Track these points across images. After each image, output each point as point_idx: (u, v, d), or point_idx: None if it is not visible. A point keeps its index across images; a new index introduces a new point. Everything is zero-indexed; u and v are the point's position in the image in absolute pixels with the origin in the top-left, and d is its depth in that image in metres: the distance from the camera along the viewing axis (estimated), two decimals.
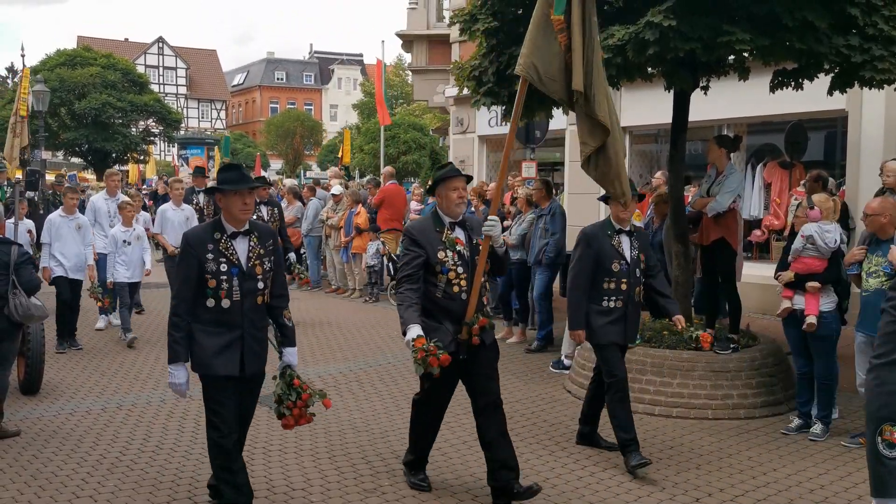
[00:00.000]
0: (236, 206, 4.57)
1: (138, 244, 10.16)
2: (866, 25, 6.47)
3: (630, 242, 5.97)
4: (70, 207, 9.69)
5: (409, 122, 28.80)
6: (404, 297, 4.94)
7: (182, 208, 11.01)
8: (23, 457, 5.97)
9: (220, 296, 4.55)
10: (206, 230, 4.64)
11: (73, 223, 9.55)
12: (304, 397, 4.82)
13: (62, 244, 9.42)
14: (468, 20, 8.01)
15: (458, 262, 5.02)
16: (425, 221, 5.23)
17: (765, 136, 12.81)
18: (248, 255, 4.63)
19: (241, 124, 75.66)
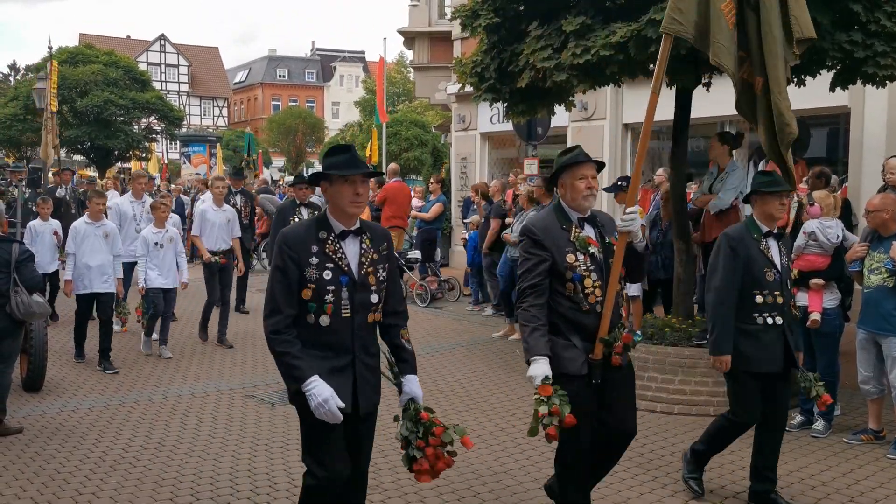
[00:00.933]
0: (346, 196, 3.65)
1: (171, 246, 9.23)
2: (869, 21, 6.45)
3: (778, 247, 5.01)
4: (96, 213, 8.71)
5: (411, 119, 28.74)
6: (529, 315, 4.10)
7: (224, 209, 10.05)
8: (25, 454, 5.99)
9: (326, 310, 3.63)
10: (307, 228, 3.74)
11: (100, 230, 8.62)
12: (437, 432, 3.73)
13: (90, 254, 8.50)
14: (469, 16, 8.00)
15: (592, 266, 4.16)
16: (547, 218, 4.29)
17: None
18: (360, 261, 3.71)
19: (242, 122, 75.61)
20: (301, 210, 9.59)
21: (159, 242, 9.12)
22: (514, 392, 7.70)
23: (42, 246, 10.02)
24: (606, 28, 6.71)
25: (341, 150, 3.74)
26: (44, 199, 10.88)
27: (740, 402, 5.02)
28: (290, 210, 9.64)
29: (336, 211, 3.72)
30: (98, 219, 8.71)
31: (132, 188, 10.79)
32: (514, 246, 10.04)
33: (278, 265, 3.64)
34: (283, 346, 3.60)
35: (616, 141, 14.01)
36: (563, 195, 4.27)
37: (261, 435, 6.47)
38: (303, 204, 9.64)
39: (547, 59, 7.09)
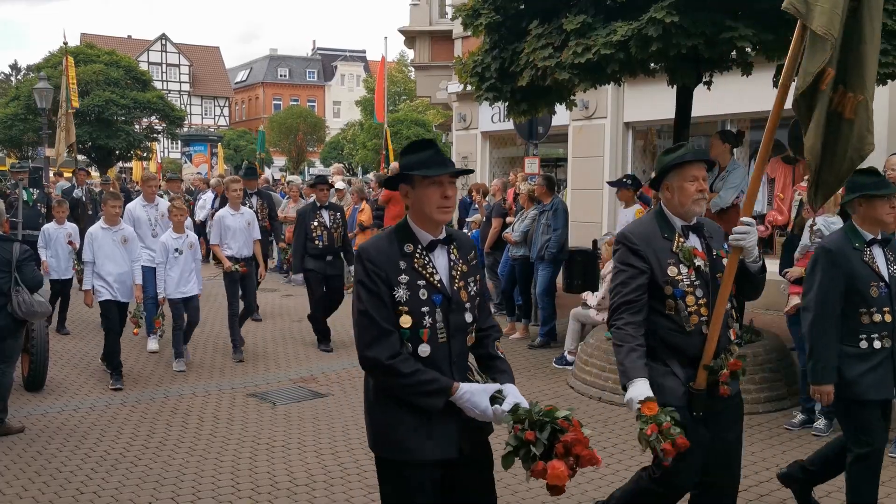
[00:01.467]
0: (433, 201, 3.07)
1: (191, 252, 8.67)
2: None
3: (885, 255, 4.37)
4: (112, 217, 8.10)
5: (412, 119, 28.80)
6: (624, 334, 3.59)
7: (241, 212, 9.33)
8: (27, 453, 6.00)
9: (422, 337, 3.03)
10: (389, 240, 3.12)
11: (117, 236, 8.05)
12: (574, 423, 2.95)
13: (107, 262, 7.94)
14: (470, 15, 8.01)
15: (697, 281, 3.63)
16: (647, 225, 3.76)
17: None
18: (451, 275, 3.14)
19: (244, 121, 75.63)
20: (322, 213, 9.39)
21: (179, 248, 8.56)
22: None
23: (57, 251, 9.90)
24: (607, 27, 6.71)
25: (423, 147, 3.16)
26: (59, 202, 10.60)
27: (865, 429, 4.29)
28: (311, 213, 9.43)
29: (421, 218, 3.11)
30: (114, 223, 8.11)
31: (143, 191, 9.94)
32: (516, 245, 10.05)
33: (365, 285, 3.02)
34: (407, 365, 2.96)
35: (617, 140, 14.01)
36: (669, 199, 3.72)
37: (262, 434, 6.48)
38: (324, 206, 9.41)
39: (548, 57, 7.09)
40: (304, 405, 7.34)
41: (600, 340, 7.87)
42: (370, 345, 2.99)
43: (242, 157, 55.10)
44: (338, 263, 9.71)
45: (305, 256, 9.46)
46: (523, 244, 9.97)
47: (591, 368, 7.78)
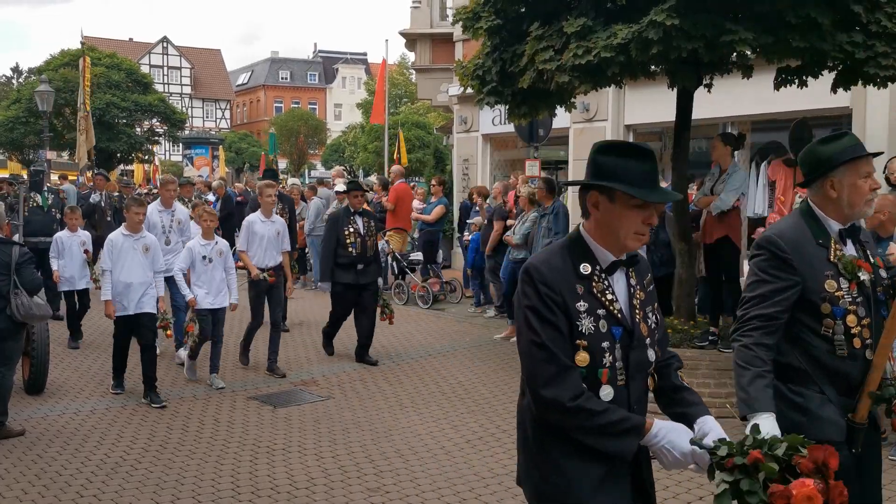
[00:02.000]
0: (632, 225, 2.56)
1: (221, 261, 8.08)
2: (870, 22, 6.45)
3: None
4: (135, 224, 7.60)
5: (413, 121, 28.80)
6: (751, 356, 2.97)
7: (273, 220, 8.72)
8: (27, 456, 5.99)
9: (601, 378, 2.54)
10: (561, 258, 2.60)
11: (139, 244, 7.56)
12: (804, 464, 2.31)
13: (127, 271, 7.46)
14: (471, 18, 8.00)
15: (859, 297, 3.05)
16: (795, 228, 3.12)
17: (769, 133, 12.77)
18: (631, 304, 2.63)
19: (245, 124, 75.70)
20: (356, 219, 8.93)
21: (208, 256, 7.97)
22: (516, 393, 7.67)
23: (70, 260, 9.56)
24: (608, 29, 6.70)
25: (639, 155, 2.56)
26: (72, 208, 10.23)
27: None
28: (344, 219, 8.97)
29: (606, 237, 2.60)
30: (137, 230, 7.60)
31: (161, 195, 9.41)
32: (516, 248, 10.05)
33: (539, 312, 2.52)
34: (594, 403, 2.48)
35: None
36: (832, 198, 3.08)
37: (262, 437, 6.47)
38: (357, 212, 8.97)
39: (548, 60, 7.09)
40: (305, 408, 7.34)
41: None
42: (549, 383, 2.49)
43: (244, 159, 55.27)
44: (370, 270, 9.12)
45: (335, 267, 8.95)
46: (524, 246, 9.97)
47: None
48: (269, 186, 8.86)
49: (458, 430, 6.69)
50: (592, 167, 2.60)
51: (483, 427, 6.78)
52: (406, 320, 11.57)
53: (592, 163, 2.61)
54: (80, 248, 9.61)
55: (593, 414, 2.46)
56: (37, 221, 11.29)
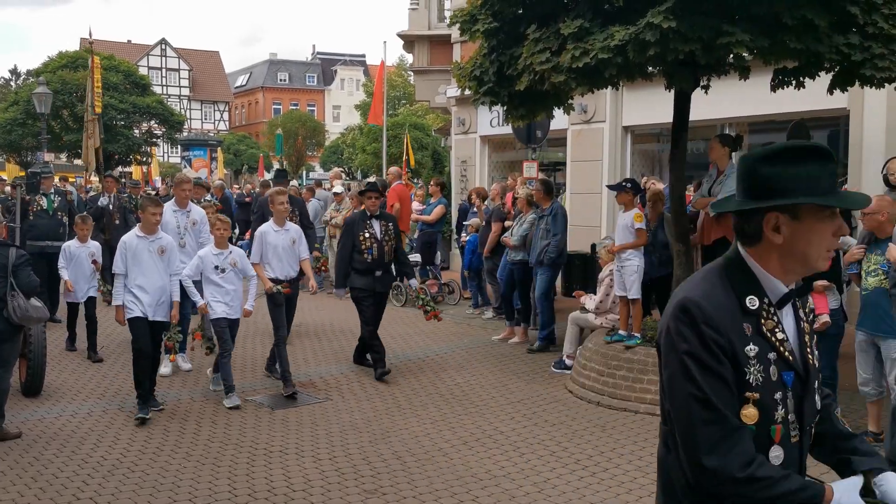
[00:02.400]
0: (824, 240, 2.11)
1: (234, 271, 7.59)
2: (866, 24, 6.44)
3: None
4: (151, 226, 7.22)
5: (412, 123, 28.79)
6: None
7: (286, 228, 8.16)
8: (24, 459, 5.98)
9: (773, 437, 2.09)
10: (723, 288, 2.12)
11: (154, 246, 7.18)
12: None
13: (141, 274, 7.09)
14: (468, 20, 7.99)
15: None
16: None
17: (767, 135, 12.78)
18: (801, 341, 2.20)
19: (244, 125, 75.71)
20: (372, 223, 8.47)
21: (220, 266, 7.51)
22: (514, 395, 7.68)
23: (78, 271, 9.22)
24: (605, 31, 6.69)
25: (816, 155, 2.10)
26: (83, 217, 9.74)
27: None
28: (360, 223, 8.52)
29: (792, 263, 2.12)
30: (153, 232, 7.22)
31: (175, 195, 8.86)
32: (514, 249, 10.05)
33: (701, 360, 2.03)
34: (767, 470, 2.02)
35: (616, 144, 14.00)
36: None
37: (260, 439, 6.46)
38: (374, 216, 8.48)
39: (545, 61, 7.08)
40: (303, 410, 7.33)
41: (599, 345, 7.87)
42: (714, 450, 2.01)
43: (242, 161, 55.24)
44: (387, 279, 8.84)
45: (351, 273, 8.59)
46: (522, 248, 9.97)
47: (590, 373, 7.76)
48: (280, 193, 8.24)
49: (455, 431, 6.68)
50: (757, 183, 2.10)
51: (480, 429, 6.78)
52: (404, 322, 11.57)
53: (756, 178, 2.10)
54: (89, 260, 9.25)
55: (769, 485, 2.00)
56: (42, 225, 10.95)
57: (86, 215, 9.86)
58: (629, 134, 14.07)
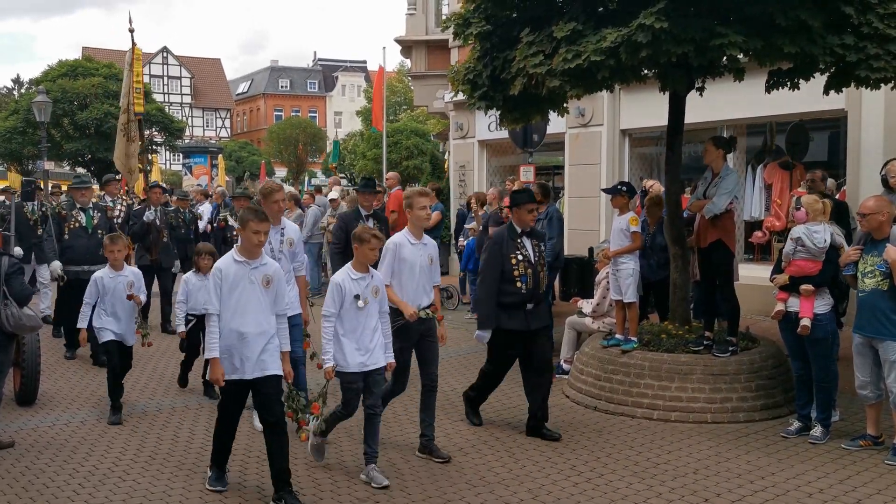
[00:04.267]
0: None
1: (376, 302, 5.69)
2: (861, 24, 6.40)
3: None
4: (254, 248, 5.24)
5: (412, 128, 28.74)
6: None
7: (424, 242, 6.23)
8: (15, 468, 5.94)
9: None
10: None
11: (257, 275, 5.24)
12: None
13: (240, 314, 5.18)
14: (461, 24, 7.96)
15: None
16: None
17: (764, 137, 12.73)
18: None
19: (245, 132, 75.85)
20: (524, 242, 6.62)
21: (362, 295, 5.58)
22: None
23: (113, 308, 7.17)
24: (597, 33, 6.66)
25: None
26: (113, 237, 7.44)
27: None
28: (510, 242, 6.60)
29: None
30: (255, 255, 5.25)
31: (266, 209, 6.17)
32: None
33: None
34: None
35: (613, 147, 13.97)
36: None
37: (253, 447, 6.41)
38: (525, 232, 6.64)
39: (538, 64, 7.04)
40: None
41: (596, 349, 7.81)
42: None
43: (244, 168, 55.29)
44: (542, 311, 7.11)
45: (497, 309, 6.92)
46: None
47: (587, 378, 7.71)
48: (421, 195, 6.28)
49: (450, 438, 6.63)
50: None
51: (476, 435, 6.73)
52: None
53: None
54: (126, 292, 7.26)
55: None
56: (80, 247, 9.41)
57: (116, 234, 7.69)
58: (627, 137, 14.03)
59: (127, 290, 7.28)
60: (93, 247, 9.33)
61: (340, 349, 5.55)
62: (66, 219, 9.62)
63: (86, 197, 9.81)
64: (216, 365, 5.16)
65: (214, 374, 5.19)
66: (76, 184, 10.06)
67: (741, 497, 5.34)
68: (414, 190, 6.58)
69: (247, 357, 5.17)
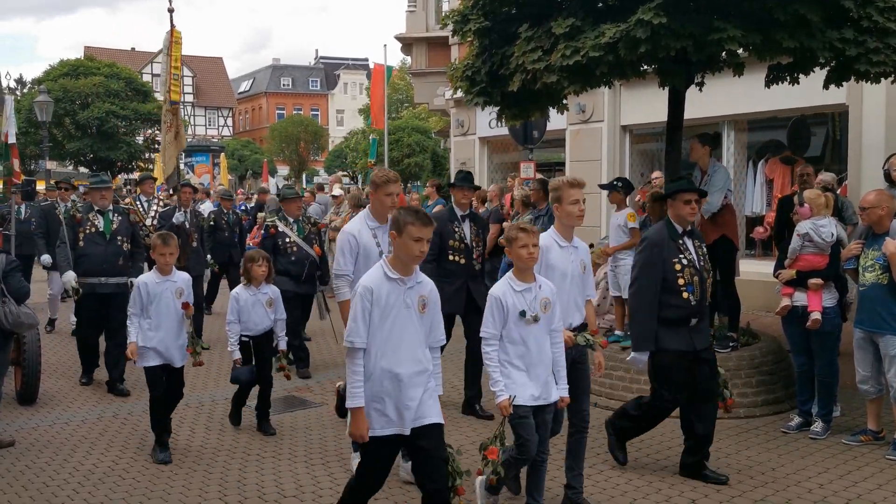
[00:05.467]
0: None
1: (546, 318, 4.64)
2: (861, 18, 6.37)
3: None
4: (413, 259, 4.04)
5: (413, 126, 28.79)
6: None
7: (575, 245, 5.15)
8: (16, 467, 5.95)
9: None
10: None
11: (412, 296, 4.05)
12: None
13: (392, 351, 4.00)
14: (459, 21, 7.94)
15: None
16: None
17: (766, 132, 12.71)
18: None
19: (247, 131, 75.85)
20: (686, 243, 5.49)
21: (532, 313, 4.54)
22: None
23: (161, 318, 6.08)
24: (596, 29, 6.65)
25: None
26: (164, 236, 6.29)
27: None
28: (671, 246, 5.47)
29: None
30: (410, 272, 4.06)
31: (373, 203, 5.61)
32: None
33: None
34: None
35: (614, 143, 13.94)
36: None
37: (253, 445, 6.42)
38: (687, 232, 5.51)
39: (537, 60, 7.02)
40: (297, 415, 7.29)
41: None
42: None
43: (246, 166, 55.31)
44: (706, 329, 5.89)
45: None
46: None
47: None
48: (573, 185, 5.06)
49: (451, 436, 6.58)
50: None
51: (477, 432, 6.71)
52: None
53: None
54: (177, 300, 6.17)
55: None
56: (96, 255, 8.04)
57: (167, 233, 6.53)
58: (628, 133, 14.01)
59: (176, 297, 6.15)
60: (111, 255, 8.10)
61: (508, 379, 4.53)
62: (81, 223, 8.14)
63: (106, 199, 8.31)
64: (360, 418, 3.95)
65: (358, 428, 3.95)
66: (96, 184, 8.49)
67: (742, 492, 5.32)
68: (564, 180, 5.12)
69: (405, 405, 4.00)
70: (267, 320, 6.68)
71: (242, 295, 6.62)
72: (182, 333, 6.22)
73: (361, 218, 5.61)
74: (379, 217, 5.48)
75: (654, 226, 6.01)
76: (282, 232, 8.72)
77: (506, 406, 4.42)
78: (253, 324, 6.61)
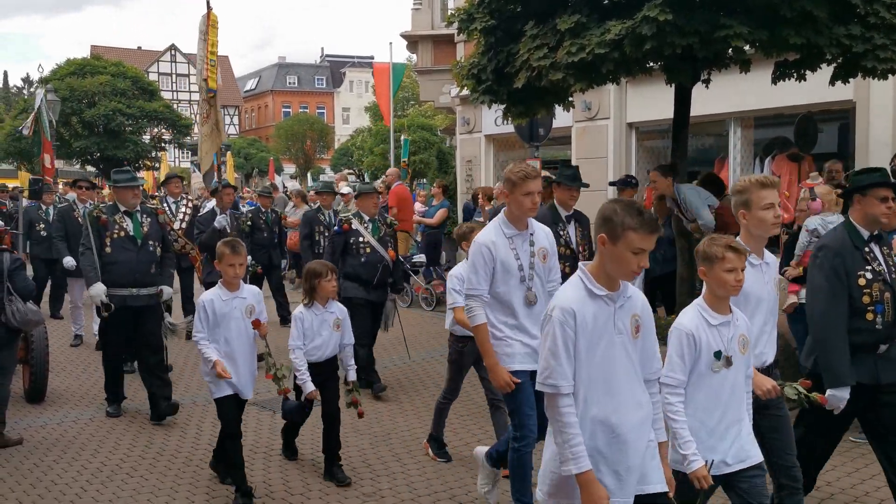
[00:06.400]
0: None
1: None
2: (867, 14, 6.37)
3: None
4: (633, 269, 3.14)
5: (419, 123, 28.74)
6: None
7: (767, 261, 4.10)
8: (24, 465, 5.97)
9: None
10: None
11: (625, 315, 3.10)
12: None
13: (609, 396, 3.06)
14: (465, 19, 7.95)
15: None
16: None
17: (772, 129, 12.67)
18: None
19: (253, 129, 75.93)
20: None
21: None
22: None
23: (228, 342, 5.28)
24: (601, 26, 6.64)
25: None
26: (233, 245, 5.35)
27: None
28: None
29: None
30: (616, 287, 3.16)
31: (511, 205, 4.63)
32: None
33: None
34: None
35: (620, 140, 13.91)
36: None
37: (260, 442, 6.44)
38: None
39: (543, 58, 7.03)
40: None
41: None
42: None
43: (252, 165, 55.34)
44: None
45: None
46: None
47: None
48: (765, 186, 4.02)
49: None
50: None
51: (483, 430, 6.71)
52: (409, 323, 11.50)
53: None
54: (246, 317, 5.34)
55: None
56: (127, 262, 7.06)
57: (235, 240, 5.55)
58: (634, 130, 13.97)
59: (246, 316, 5.32)
60: (143, 263, 7.12)
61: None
62: (108, 226, 7.10)
63: (136, 199, 7.32)
64: (595, 487, 2.93)
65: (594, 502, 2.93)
66: (125, 181, 7.29)
67: None
68: (752, 180, 4.07)
69: (629, 467, 3.05)
70: (333, 345, 5.69)
71: (306, 316, 5.56)
72: (254, 359, 5.43)
73: (496, 225, 4.63)
74: (517, 223, 4.55)
75: (832, 229, 4.92)
76: (355, 230, 7.90)
77: (705, 476, 3.39)
78: (315, 348, 5.60)
